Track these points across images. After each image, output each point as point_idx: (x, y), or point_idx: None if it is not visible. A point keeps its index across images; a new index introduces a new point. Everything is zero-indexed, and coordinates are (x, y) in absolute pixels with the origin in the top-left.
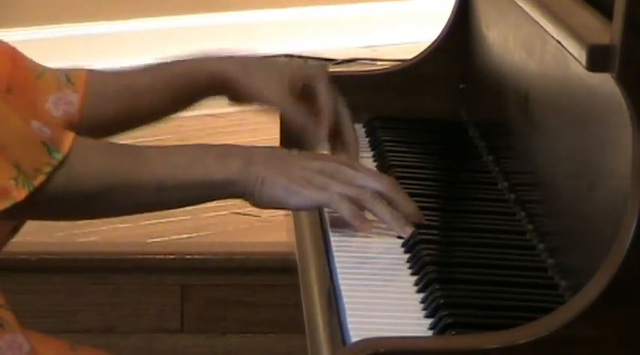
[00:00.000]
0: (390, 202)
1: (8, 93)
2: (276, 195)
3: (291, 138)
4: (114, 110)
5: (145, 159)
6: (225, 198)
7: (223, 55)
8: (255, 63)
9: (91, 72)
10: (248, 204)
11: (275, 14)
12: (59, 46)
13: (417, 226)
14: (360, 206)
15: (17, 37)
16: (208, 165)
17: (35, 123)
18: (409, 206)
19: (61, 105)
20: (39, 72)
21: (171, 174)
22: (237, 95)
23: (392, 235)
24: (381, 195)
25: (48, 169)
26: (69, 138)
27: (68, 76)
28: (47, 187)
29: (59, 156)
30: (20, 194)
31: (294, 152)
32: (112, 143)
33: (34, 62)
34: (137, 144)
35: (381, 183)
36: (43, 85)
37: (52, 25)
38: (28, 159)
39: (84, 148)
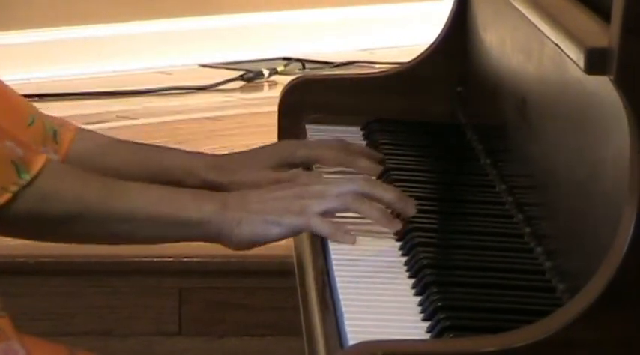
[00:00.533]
0: (372, 199)
1: None
2: (256, 232)
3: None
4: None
5: (119, 189)
6: (199, 240)
7: (215, 160)
8: (239, 163)
9: (80, 132)
10: None
11: (273, 17)
12: (57, 49)
13: (413, 228)
14: (344, 210)
15: (15, 40)
16: (184, 203)
17: (9, 143)
18: (390, 194)
19: None
20: (30, 120)
21: (144, 207)
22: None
23: (389, 238)
24: (361, 195)
25: (15, 189)
26: (40, 160)
27: (56, 133)
28: (13, 206)
29: (27, 177)
30: None
31: (264, 188)
32: (87, 171)
33: (29, 107)
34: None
35: (356, 185)
36: (30, 135)
37: (50, 28)
38: None
39: (56, 172)
